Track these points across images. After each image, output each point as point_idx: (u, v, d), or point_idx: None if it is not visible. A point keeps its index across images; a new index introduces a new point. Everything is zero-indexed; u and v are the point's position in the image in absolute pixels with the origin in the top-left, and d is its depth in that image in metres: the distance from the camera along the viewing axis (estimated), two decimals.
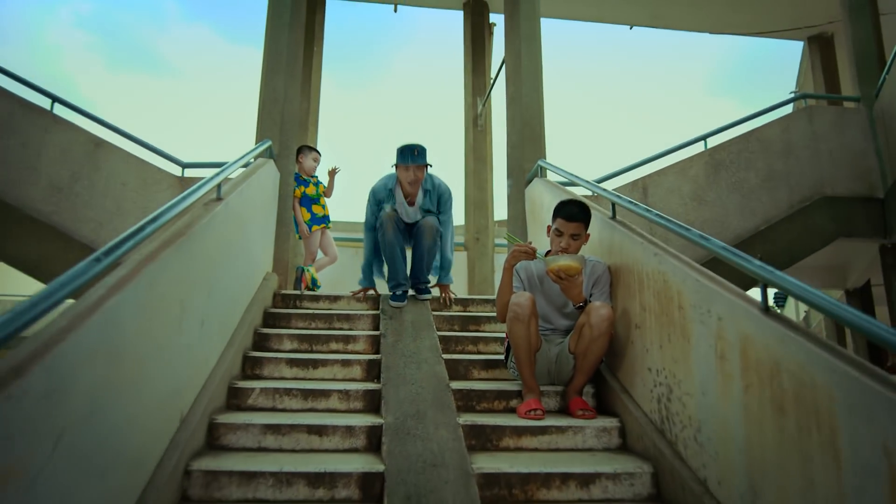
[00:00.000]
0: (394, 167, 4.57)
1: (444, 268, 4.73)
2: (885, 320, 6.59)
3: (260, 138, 5.07)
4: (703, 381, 2.54)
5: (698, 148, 6.12)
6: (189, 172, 5.47)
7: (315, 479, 2.59)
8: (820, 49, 9.12)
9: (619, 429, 3.17)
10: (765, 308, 2.24)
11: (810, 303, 2.03)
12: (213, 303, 3.19)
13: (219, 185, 3.43)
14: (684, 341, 2.70)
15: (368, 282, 4.81)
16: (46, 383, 1.57)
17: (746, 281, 5.74)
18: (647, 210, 3.26)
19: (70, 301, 1.94)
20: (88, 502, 1.80)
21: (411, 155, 4.47)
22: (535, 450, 3.06)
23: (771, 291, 2.38)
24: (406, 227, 4.62)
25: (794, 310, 13.88)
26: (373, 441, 2.97)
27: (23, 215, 5.10)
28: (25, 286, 15.98)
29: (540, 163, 5.18)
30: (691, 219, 5.88)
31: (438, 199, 4.63)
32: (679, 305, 2.76)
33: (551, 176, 5.13)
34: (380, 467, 2.64)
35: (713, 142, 6.16)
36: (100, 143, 5.39)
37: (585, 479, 2.72)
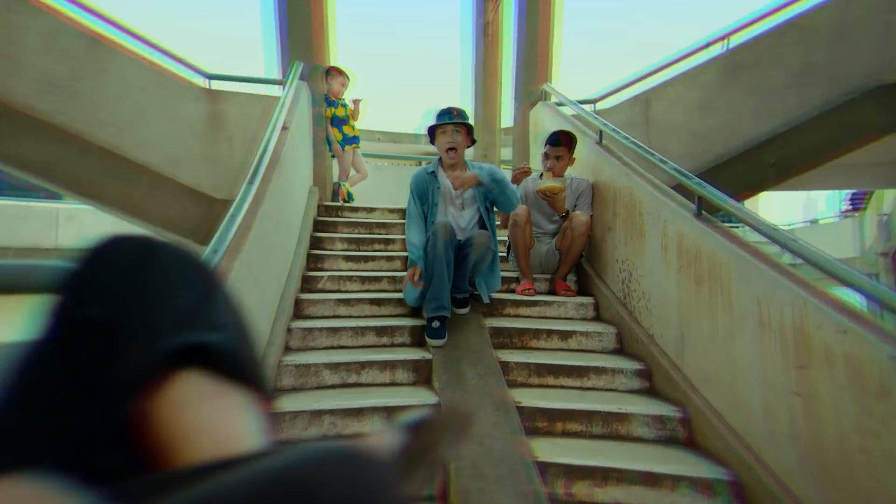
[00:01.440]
0: (428, 137, 3.96)
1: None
2: None
3: (288, 60, 5.70)
4: (651, 266, 3.59)
5: (715, 53, 5.94)
6: (216, 84, 5.69)
7: (380, 330, 3.69)
8: None
9: (593, 304, 4.25)
10: (697, 213, 3.24)
11: (723, 209, 3.04)
12: (290, 210, 4.20)
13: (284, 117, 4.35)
14: (641, 237, 3.73)
15: (419, 263, 3.81)
16: (254, 254, 2.59)
17: (752, 184, 5.99)
18: (625, 136, 4.22)
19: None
20: (259, 335, 2.86)
21: (448, 114, 3.79)
22: (529, 316, 4.15)
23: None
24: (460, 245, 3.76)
25: None
26: (416, 309, 4.05)
27: (12, 110, 4.80)
28: None
29: (545, 86, 6.00)
30: (695, 128, 6.01)
31: (491, 174, 3.79)
32: (639, 212, 3.77)
33: (557, 98, 5.87)
34: (424, 323, 3.73)
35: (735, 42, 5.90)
36: (96, 39, 5.13)
37: (564, 335, 3.82)
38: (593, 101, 6.24)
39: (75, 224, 11.84)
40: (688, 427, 3.02)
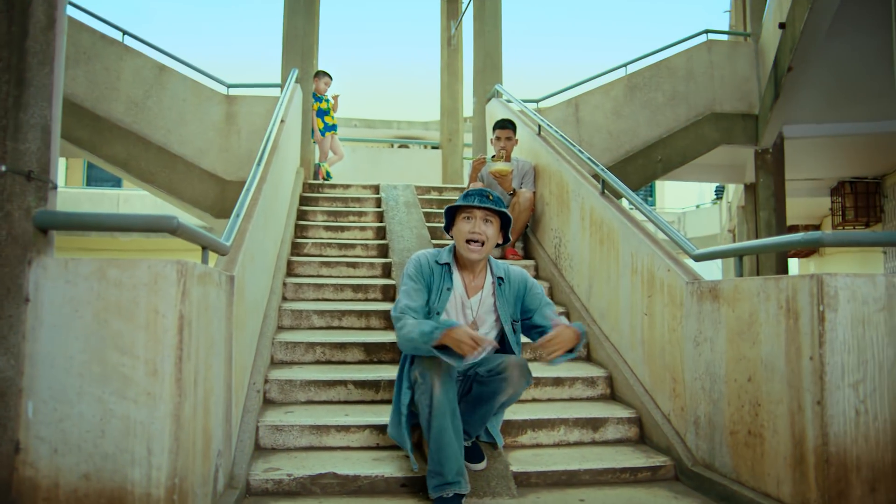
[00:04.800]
0: (445, 222, 2.87)
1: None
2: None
3: (286, 67, 6.77)
4: (573, 233, 4.57)
5: (619, 74, 7.87)
6: (232, 91, 7.11)
7: (356, 288, 4.61)
8: None
9: (534, 265, 5.23)
10: (602, 192, 4.21)
11: (617, 190, 4.01)
12: (283, 187, 5.08)
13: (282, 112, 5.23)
14: (568, 211, 4.70)
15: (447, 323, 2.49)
16: (260, 220, 3.50)
17: (648, 174, 7.70)
18: (556, 130, 5.18)
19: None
20: (262, 285, 3.77)
21: (480, 195, 2.74)
22: None
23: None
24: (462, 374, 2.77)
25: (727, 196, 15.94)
26: (386, 271, 4.98)
27: (111, 125, 6.76)
28: None
29: (496, 87, 6.97)
30: (611, 129, 7.69)
31: (524, 292, 2.87)
32: (566, 191, 4.74)
33: (507, 97, 6.89)
34: (392, 282, 4.67)
35: (632, 68, 7.90)
36: (163, 67, 6.96)
37: None
38: (536, 101, 7.31)
39: (129, 205, 15.85)
40: (587, 349, 4.05)
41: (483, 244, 2.70)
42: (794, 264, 15.72)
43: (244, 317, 3.05)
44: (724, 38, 8.69)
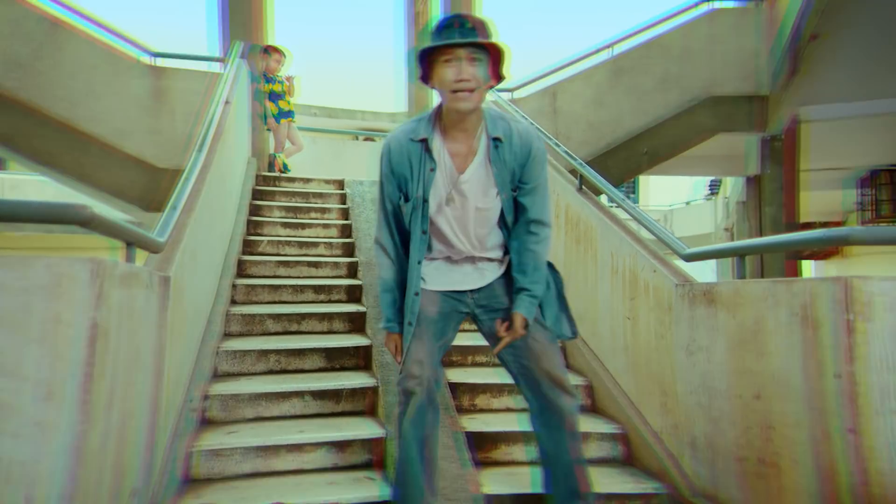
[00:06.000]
0: (420, 70, 2.08)
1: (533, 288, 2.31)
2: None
3: (229, 39, 6.23)
4: None
5: (604, 57, 7.18)
6: (160, 62, 6.22)
7: (318, 289, 4.24)
8: None
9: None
10: (579, 188, 3.91)
11: (596, 185, 3.72)
12: (231, 178, 4.68)
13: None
14: None
15: (394, 323, 2.29)
16: (204, 214, 3.11)
17: (632, 168, 7.22)
18: (532, 122, 4.85)
19: None
20: (206, 288, 3.39)
21: (458, 29, 2.00)
22: None
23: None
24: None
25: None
26: (351, 271, 4.62)
27: None
28: None
29: None
30: (592, 119, 7.11)
31: (525, 160, 2.17)
32: None
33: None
34: (359, 282, 4.31)
35: (619, 50, 7.16)
36: (57, 22, 5.72)
37: None
38: (510, 90, 6.90)
39: (19, 193, 12.03)
40: (564, 355, 3.74)
41: (472, 91, 2.01)
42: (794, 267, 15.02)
43: (182, 324, 2.67)
44: (731, 4, 7.48)
